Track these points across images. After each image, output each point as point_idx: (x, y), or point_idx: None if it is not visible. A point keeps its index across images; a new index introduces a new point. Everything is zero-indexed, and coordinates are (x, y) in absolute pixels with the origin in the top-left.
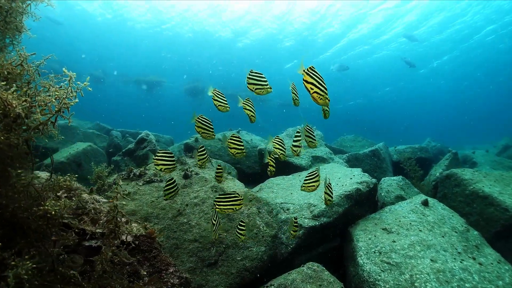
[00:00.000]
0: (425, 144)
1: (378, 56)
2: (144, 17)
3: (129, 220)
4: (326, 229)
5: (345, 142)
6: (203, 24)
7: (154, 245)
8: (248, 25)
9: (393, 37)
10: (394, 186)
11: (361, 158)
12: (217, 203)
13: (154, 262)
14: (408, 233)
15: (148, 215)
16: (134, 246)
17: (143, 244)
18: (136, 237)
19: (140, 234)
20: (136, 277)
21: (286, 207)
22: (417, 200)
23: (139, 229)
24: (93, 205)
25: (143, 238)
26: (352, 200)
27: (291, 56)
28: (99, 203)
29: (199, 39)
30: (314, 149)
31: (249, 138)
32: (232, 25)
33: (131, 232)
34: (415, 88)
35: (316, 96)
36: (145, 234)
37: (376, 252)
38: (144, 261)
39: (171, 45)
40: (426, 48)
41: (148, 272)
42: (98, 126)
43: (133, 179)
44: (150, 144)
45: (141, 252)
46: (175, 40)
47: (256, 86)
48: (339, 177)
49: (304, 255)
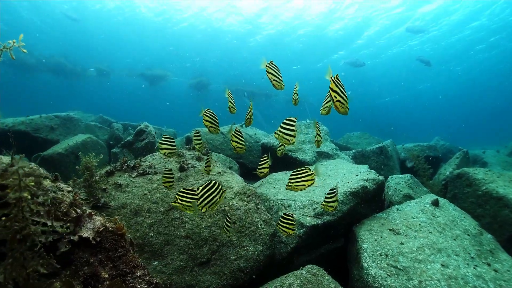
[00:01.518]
0: (433, 142)
1: (386, 56)
2: (153, 12)
3: (94, 213)
4: (329, 228)
5: (351, 138)
6: (213, 21)
7: (120, 243)
8: (253, 29)
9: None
10: (402, 184)
11: (368, 155)
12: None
13: (119, 263)
14: (417, 234)
15: (138, 208)
16: (95, 244)
17: (106, 241)
18: (98, 233)
19: (103, 230)
20: (94, 281)
21: (287, 204)
22: (427, 200)
23: (104, 223)
24: (54, 194)
25: (108, 234)
26: (358, 198)
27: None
28: (62, 192)
29: (208, 35)
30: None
31: (253, 133)
32: (243, 22)
33: (95, 227)
34: (423, 87)
35: (338, 105)
36: (111, 230)
37: (382, 255)
38: (106, 262)
39: (177, 39)
40: (439, 49)
41: (111, 275)
42: (101, 119)
43: (126, 170)
44: (149, 136)
45: (104, 251)
46: (181, 34)
47: (274, 77)
48: (344, 173)
49: (305, 256)
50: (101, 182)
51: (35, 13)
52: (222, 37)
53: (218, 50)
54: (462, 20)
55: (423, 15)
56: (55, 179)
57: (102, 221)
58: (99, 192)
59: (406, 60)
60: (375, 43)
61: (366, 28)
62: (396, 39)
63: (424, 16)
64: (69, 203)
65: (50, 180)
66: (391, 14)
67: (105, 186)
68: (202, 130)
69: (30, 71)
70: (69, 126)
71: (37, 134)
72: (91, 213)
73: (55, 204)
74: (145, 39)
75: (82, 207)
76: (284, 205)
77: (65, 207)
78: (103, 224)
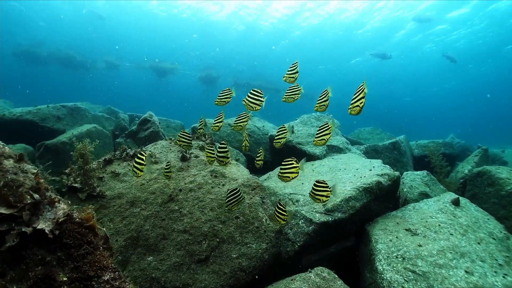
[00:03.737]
0: (448, 140)
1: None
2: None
3: (57, 200)
4: (340, 226)
5: (362, 134)
6: (250, 21)
7: (87, 238)
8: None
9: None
10: (418, 181)
11: (380, 151)
12: None
13: (82, 264)
14: (436, 236)
15: (135, 199)
16: (53, 238)
17: (69, 236)
18: (58, 225)
19: (65, 221)
20: (47, 285)
21: (296, 199)
22: (446, 199)
23: (67, 213)
24: (14, 176)
25: (72, 227)
26: (372, 194)
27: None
28: (25, 175)
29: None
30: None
31: (261, 125)
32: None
33: (55, 217)
34: (440, 84)
35: (358, 110)
36: (77, 221)
37: (398, 257)
38: (67, 261)
39: (187, 30)
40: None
41: (70, 278)
42: (109, 110)
43: (125, 159)
44: (154, 125)
45: (65, 248)
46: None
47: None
48: (356, 168)
49: (313, 255)
50: (98, 170)
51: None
52: (256, 36)
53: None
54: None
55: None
56: (20, 159)
57: (66, 210)
58: (95, 180)
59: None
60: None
61: (396, 29)
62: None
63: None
64: (29, 187)
65: (14, 160)
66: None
67: (102, 174)
68: (208, 120)
69: (42, 63)
70: (76, 116)
71: (44, 123)
72: (54, 199)
73: (12, 188)
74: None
75: (45, 193)
76: (292, 200)
77: (23, 192)
78: (65, 213)
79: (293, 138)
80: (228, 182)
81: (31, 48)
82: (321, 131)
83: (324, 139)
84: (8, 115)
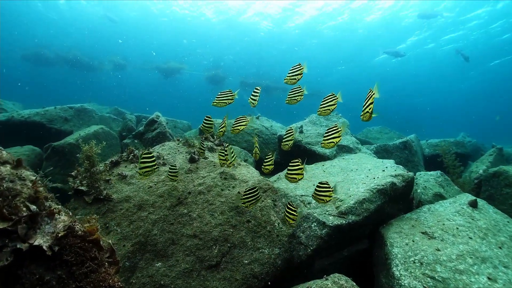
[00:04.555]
0: (459, 139)
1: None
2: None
3: (57, 211)
4: (354, 229)
5: (371, 133)
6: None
7: (91, 254)
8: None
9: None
10: (431, 182)
11: (391, 150)
12: None
13: (85, 284)
14: (455, 240)
15: (143, 202)
16: (52, 255)
17: (70, 251)
18: (58, 240)
19: (65, 235)
20: None
21: (307, 201)
22: (463, 200)
23: (68, 225)
24: (11, 184)
25: (73, 241)
26: (386, 195)
27: None
28: (23, 182)
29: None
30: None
31: (269, 125)
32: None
33: (55, 231)
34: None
35: (368, 116)
36: (79, 234)
37: (416, 262)
38: (68, 280)
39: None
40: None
41: None
42: (116, 111)
43: (132, 161)
44: (161, 126)
45: (65, 265)
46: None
47: (290, 76)
48: (369, 168)
49: (326, 259)
50: (105, 172)
51: (53, 9)
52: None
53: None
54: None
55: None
56: (18, 165)
57: (67, 223)
58: (102, 183)
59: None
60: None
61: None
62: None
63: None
64: (27, 197)
65: (11, 166)
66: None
67: (109, 177)
68: (216, 121)
69: (49, 65)
70: (83, 117)
71: (51, 125)
72: (53, 210)
73: (7, 198)
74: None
75: (44, 203)
76: (304, 202)
77: (20, 203)
78: (66, 226)
79: (302, 138)
80: (238, 184)
81: (39, 50)
82: (329, 133)
83: (334, 142)
84: (17, 116)
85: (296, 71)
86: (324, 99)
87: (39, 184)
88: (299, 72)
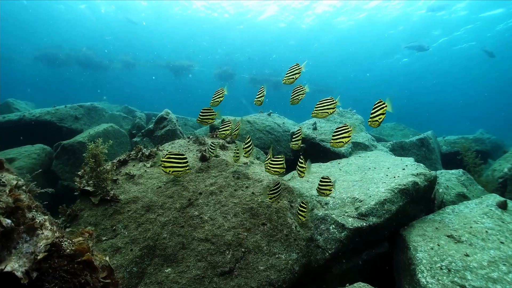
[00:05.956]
0: (478, 135)
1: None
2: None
3: (39, 225)
4: (375, 231)
5: (385, 130)
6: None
7: (81, 278)
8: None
9: None
10: (453, 181)
11: (407, 147)
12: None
13: None
14: (485, 245)
15: (151, 203)
16: (27, 284)
17: (53, 278)
18: (38, 263)
19: (44, 257)
20: None
21: (324, 201)
22: (490, 201)
23: (51, 242)
24: None
25: (59, 263)
26: (408, 196)
27: None
28: (2, 188)
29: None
30: (354, 134)
31: (281, 121)
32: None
33: (34, 251)
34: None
35: (377, 124)
36: (66, 254)
37: (443, 269)
38: None
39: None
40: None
41: None
42: (126, 109)
43: (141, 159)
44: (170, 123)
45: None
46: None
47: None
48: (387, 167)
49: (344, 263)
50: (112, 172)
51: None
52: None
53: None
54: None
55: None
56: None
57: (50, 240)
58: (109, 183)
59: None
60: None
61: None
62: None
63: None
64: (4, 207)
65: None
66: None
67: (116, 176)
68: (226, 117)
69: (61, 65)
70: (93, 115)
71: (62, 123)
72: (34, 224)
73: None
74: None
75: (25, 214)
76: (321, 202)
77: None
78: (49, 245)
79: (316, 135)
80: (252, 184)
81: (51, 50)
82: (338, 132)
83: (343, 142)
84: (28, 116)
85: (293, 71)
86: (321, 101)
87: (21, 190)
88: (297, 72)
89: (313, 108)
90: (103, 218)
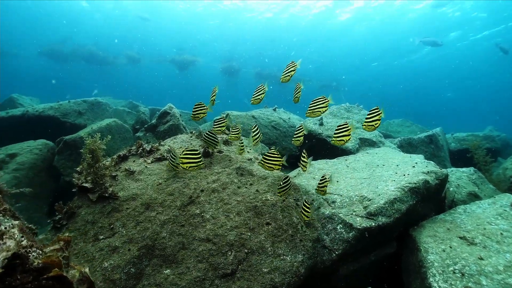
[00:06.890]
0: (487, 133)
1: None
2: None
3: (5, 230)
4: (384, 231)
5: (392, 126)
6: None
7: None
8: None
9: None
10: (464, 179)
11: (415, 144)
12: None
13: None
14: (500, 248)
15: (151, 201)
16: None
17: None
18: None
19: (3, 272)
20: None
21: (332, 199)
22: (504, 201)
23: (11, 254)
24: None
25: (23, 280)
26: (418, 195)
27: None
28: None
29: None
30: (362, 130)
31: (287, 117)
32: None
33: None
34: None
35: (372, 128)
36: (33, 267)
37: (456, 273)
38: None
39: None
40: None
41: None
42: (130, 104)
43: (142, 155)
44: (174, 118)
45: None
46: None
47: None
48: (396, 164)
49: (352, 264)
50: (110, 168)
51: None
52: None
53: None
54: None
55: None
56: None
57: (11, 252)
58: (108, 180)
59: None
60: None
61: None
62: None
63: None
64: None
65: None
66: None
67: (116, 172)
68: (232, 113)
69: (66, 60)
70: (97, 111)
71: (65, 119)
72: (3, 230)
73: None
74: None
75: None
76: (328, 201)
77: None
78: (9, 257)
79: (323, 131)
80: (256, 181)
81: (56, 46)
82: (339, 130)
83: (343, 140)
84: (31, 111)
85: (289, 69)
86: (314, 101)
87: None
88: (292, 69)
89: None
90: (101, 216)
